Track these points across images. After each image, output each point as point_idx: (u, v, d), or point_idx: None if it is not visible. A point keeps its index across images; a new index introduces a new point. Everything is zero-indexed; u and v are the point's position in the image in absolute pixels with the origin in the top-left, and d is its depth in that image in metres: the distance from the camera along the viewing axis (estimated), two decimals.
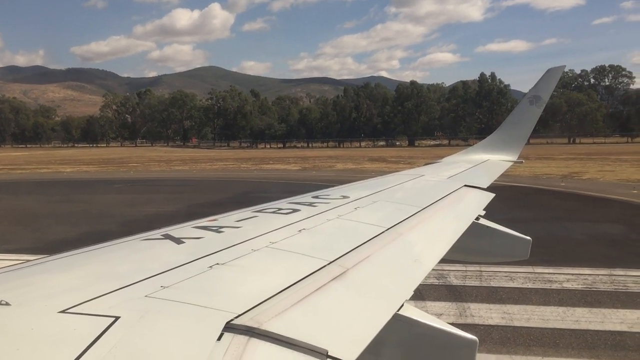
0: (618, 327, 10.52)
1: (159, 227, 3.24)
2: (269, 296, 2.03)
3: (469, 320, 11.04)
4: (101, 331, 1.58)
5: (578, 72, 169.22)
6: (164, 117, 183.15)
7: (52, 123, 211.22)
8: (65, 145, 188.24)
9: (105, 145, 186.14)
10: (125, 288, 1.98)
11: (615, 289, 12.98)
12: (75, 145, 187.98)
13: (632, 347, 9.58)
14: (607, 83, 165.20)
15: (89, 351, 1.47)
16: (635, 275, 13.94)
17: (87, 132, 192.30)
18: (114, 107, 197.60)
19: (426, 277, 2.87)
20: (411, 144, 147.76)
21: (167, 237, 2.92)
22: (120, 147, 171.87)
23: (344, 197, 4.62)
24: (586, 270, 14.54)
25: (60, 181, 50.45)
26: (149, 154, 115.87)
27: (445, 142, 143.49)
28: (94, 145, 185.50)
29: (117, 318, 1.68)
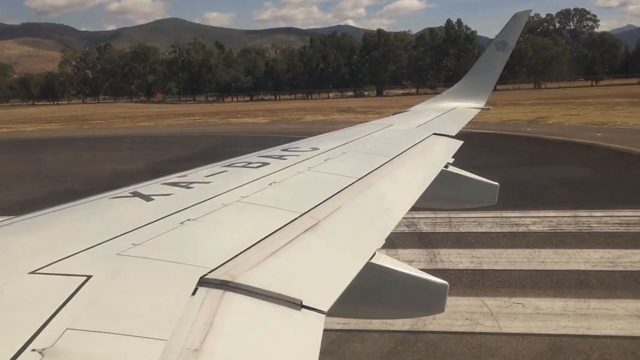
0: (582, 267, 10.92)
1: (126, 185, 3.19)
2: (241, 250, 2.04)
3: (439, 266, 11.32)
4: (73, 290, 1.57)
5: (544, 16, 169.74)
6: (126, 72, 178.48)
7: (10, 81, 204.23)
8: (25, 104, 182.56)
9: (66, 102, 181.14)
10: (96, 247, 1.96)
11: (579, 230, 13.41)
12: (35, 103, 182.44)
13: (596, 284, 9.98)
14: (572, 27, 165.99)
15: (61, 311, 1.46)
16: (599, 216, 14.39)
17: (47, 90, 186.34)
18: (74, 62, 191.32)
19: (397, 225, 2.91)
20: (379, 93, 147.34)
21: (136, 194, 2.88)
22: (82, 104, 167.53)
23: (314, 149, 4.61)
24: (551, 213, 14.95)
25: (21, 140, 49.21)
26: (112, 110, 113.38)
27: (413, 90, 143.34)
28: (55, 102, 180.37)
29: (88, 277, 1.67)
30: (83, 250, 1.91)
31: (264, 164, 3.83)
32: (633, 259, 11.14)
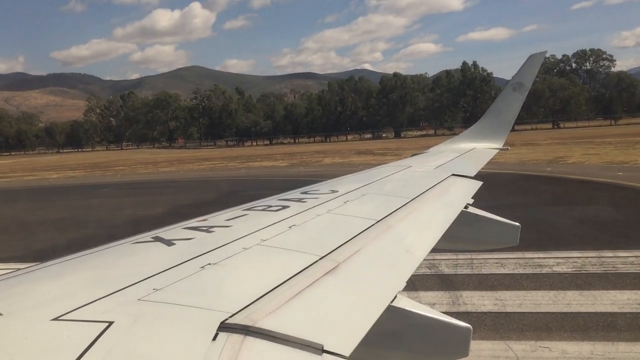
0: (609, 309, 10.64)
1: (148, 230, 3.22)
2: (262, 294, 2.04)
3: (462, 309, 11.11)
4: (95, 337, 1.58)
5: (559, 57, 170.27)
6: (149, 118, 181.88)
7: (36, 129, 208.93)
8: (50, 152, 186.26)
9: (90, 149, 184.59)
10: (118, 292, 1.97)
11: (604, 270, 13.12)
12: (60, 150, 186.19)
13: (624, 327, 9.69)
14: (589, 67, 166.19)
15: (83, 357, 1.46)
16: (624, 257, 14.10)
17: (72, 137, 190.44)
18: (98, 110, 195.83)
19: (418, 267, 2.89)
20: (397, 135, 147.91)
21: (158, 239, 2.91)
22: (106, 151, 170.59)
23: (333, 191, 4.63)
24: (575, 254, 14.68)
25: (46, 188, 50.03)
26: (135, 156, 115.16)
27: (431, 132, 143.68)
28: (79, 150, 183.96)
29: (110, 323, 1.68)
30: (105, 296, 1.92)
31: (284, 207, 3.85)
32: None
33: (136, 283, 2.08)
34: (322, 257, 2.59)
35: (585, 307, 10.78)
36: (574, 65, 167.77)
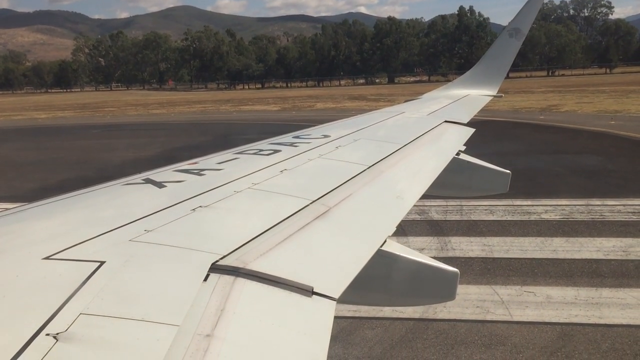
0: (594, 255, 10.87)
1: (139, 172, 3.21)
2: (253, 236, 2.05)
3: (450, 254, 11.31)
4: (87, 276, 1.59)
5: (558, 3, 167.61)
6: (139, 59, 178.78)
7: (23, 68, 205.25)
8: (38, 91, 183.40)
9: (79, 90, 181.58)
10: (109, 233, 1.98)
11: (592, 218, 13.33)
12: (49, 90, 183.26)
13: (608, 273, 9.92)
14: (586, 14, 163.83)
15: (75, 296, 1.47)
16: (612, 205, 14.29)
17: (60, 77, 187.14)
18: (86, 50, 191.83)
19: (408, 212, 2.91)
20: (391, 81, 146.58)
21: (148, 181, 2.90)
22: (95, 92, 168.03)
23: (325, 136, 4.61)
24: (563, 201, 14.86)
25: (35, 128, 49.55)
26: (125, 97, 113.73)
27: (425, 78, 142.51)
28: (68, 90, 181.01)
29: (102, 263, 1.69)
30: (96, 237, 1.93)
31: (276, 151, 3.84)
32: None
33: (127, 224, 2.08)
34: (314, 202, 2.60)
35: (571, 254, 11.00)
36: (571, 12, 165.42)
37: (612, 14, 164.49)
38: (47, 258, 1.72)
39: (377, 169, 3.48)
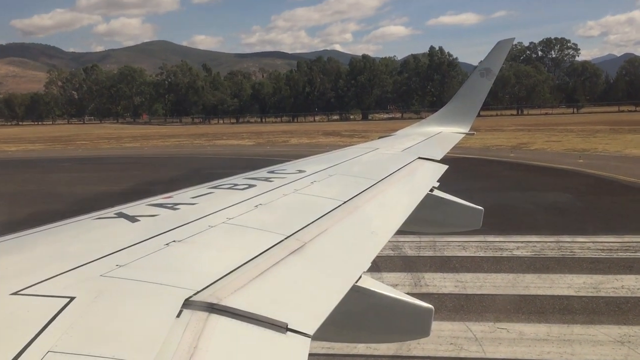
0: (565, 292, 10.97)
1: (111, 206, 3.17)
2: (227, 272, 2.02)
3: (424, 290, 11.30)
4: (56, 312, 1.55)
5: (526, 44, 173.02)
6: (113, 93, 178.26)
7: None
8: (9, 124, 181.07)
9: (51, 122, 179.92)
10: (80, 268, 1.94)
11: (562, 255, 13.49)
12: (20, 123, 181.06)
13: (579, 310, 10.01)
14: (554, 55, 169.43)
15: (44, 332, 1.43)
16: (581, 242, 14.51)
17: (32, 110, 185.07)
18: (60, 83, 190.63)
19: (383, 248, 2.91)
20: (365, 117, 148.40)
21: (121, 215, 2.86)
22: (68, 125, 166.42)
23: (300, 171, 4.62)
24: (535, 238, 15.05)
25: (5, 160, 48.67)
26: (98, 131, 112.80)
27: (398, 115, 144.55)
28: (40, 123, 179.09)
29: (72, 298, 1.65)
30: (66, 272, 1.89)
31: (250, 185, 3.83)
32: (615, 285, 11.22)
33: (99, 259, 2.04)
34: (288, 237, 2.59)
35: (543, 290, 11.09)
36: (540, 53, 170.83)
37: (578, 56, 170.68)
38: (14, 293, 1.68)
39: (352, 205, 3.49)
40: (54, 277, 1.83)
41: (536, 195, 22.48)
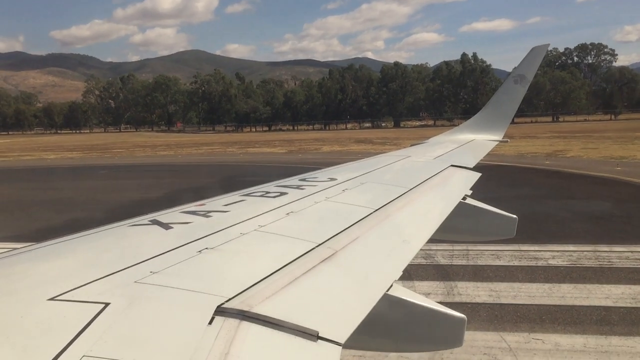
0: (603, 303, 10.70)
1: (146, 213, 3.22)
2: (259, 279, 2.04)
3: (457, 299, 11.15)
4: (91, 318, 1.58)
5: (562, 50, 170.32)
6: (148, 101, 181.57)
7: (34, 110, 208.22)
8: (48, 132, 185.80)
9: (88, 131, 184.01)
10: (114, 274, 1.97)
11: (599, 265, 13.17)
12: (58, 131, 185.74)
13: (617, 321, 9.75)
14: (590, 61, 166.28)
15: (79, 337, 1.46)
16: (619, 251, 14.14)
17: (70, 118, 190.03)
18: (97, 92, 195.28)
19: (414, 257, 2.89)
20: (396, 125, 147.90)
21: (155, 222, 2.90)
22: (104, 133, 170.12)
23: (332, 179, 4.62)
24: (571, 247, 14.73)
25: (44, 168, 49.93)
26: (133, 139, 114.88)
27: (431, 122, 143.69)
28: (77, 131, 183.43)
29: (107, 304, 1.68)
30: (101, 278, 1.92)
31: (282, 193, 3.84)
32: None
33: (133, 265, 2.08)
34: (320, 245, 2.59)
35: (580, 301, 10.83)
36: (575, 59, 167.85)
37: (615, 61, 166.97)
38: (51, 299, 1.71)
39: (384, 213, 3.48)
40: (89, 283, 1.86)
41: (572, 204, 22.02)
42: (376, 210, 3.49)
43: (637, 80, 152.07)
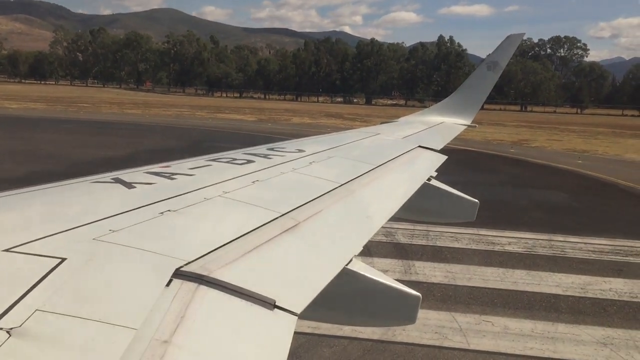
0: (553, 290, 11.05)
1: (109, 171, 3.16)
2: (219, 245, 2.03)
3: (414, 278, 11.37)
4: (46, 272, 1.55)
5: (536, 41, 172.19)
6: (118, 58, 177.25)
7: None
8: (12, 81, 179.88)
9: (54, 82, 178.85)
10: (73, 230, 1.94)
11: (553, 253, 13.56)
12: (22, 81, 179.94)
13: (565, 309, 10.09)
14: (562, 54, 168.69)
15: (33, 291, 1.44)
16: (573, 242, 14.57)
17: (35, 69, 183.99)
18: (65, 44, 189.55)
19: (376, 234, 2.92)
20: (368, 102, 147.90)
21: (118, 180, 2.85)
22: (70, 86, 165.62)
23: (300, 150, 4.61)
24: (528, 235, 15.10)
25: (5, 117, 48.47)
26: (100, 95, 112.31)
27: (402, 102, 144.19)
28: (42, 82, 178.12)
29: (63, 259, 1.65)
30: (59, 232, 1.89)
31: (249, 161, 3.82)
32: (603, 287, 11.30)
33: (92, 222, 2.04)
34: (283, 215, 2.59)
35: (531, 287, 11.16)
36: (548, 50, 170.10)
37: (587, 57, 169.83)
38: (6, 250, 1.68)
39: (349, 188, 3.49)
40: (46, 237, 1.83)
41: (532, 193, 22.52)
42: (342, 185, 3.50)
43: (606, 77, 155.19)
